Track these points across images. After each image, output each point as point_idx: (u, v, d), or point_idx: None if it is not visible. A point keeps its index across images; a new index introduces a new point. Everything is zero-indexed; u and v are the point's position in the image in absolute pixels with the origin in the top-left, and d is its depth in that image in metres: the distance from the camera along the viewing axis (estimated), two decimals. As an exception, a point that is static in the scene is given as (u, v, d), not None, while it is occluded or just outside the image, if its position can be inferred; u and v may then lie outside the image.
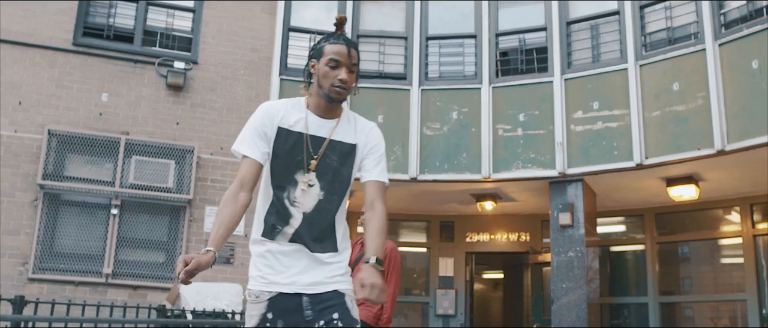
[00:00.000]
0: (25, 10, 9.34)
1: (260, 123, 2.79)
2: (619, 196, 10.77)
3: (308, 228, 2.77)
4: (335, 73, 2.76)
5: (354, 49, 2.82)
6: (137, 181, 9.13)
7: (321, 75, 2.79)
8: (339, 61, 2.76)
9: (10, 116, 8.98)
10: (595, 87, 9.71)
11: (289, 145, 2.77)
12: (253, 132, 2.78)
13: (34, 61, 9.26)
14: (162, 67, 9.76)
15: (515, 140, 10.02)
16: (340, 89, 2.77)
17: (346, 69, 2.77)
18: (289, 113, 2.81)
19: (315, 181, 2.78)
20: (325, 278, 2.74)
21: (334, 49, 2.78)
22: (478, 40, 10.61)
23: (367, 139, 2.90)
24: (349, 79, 2.78)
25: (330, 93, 2.78)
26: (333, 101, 2.80)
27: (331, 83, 2.77)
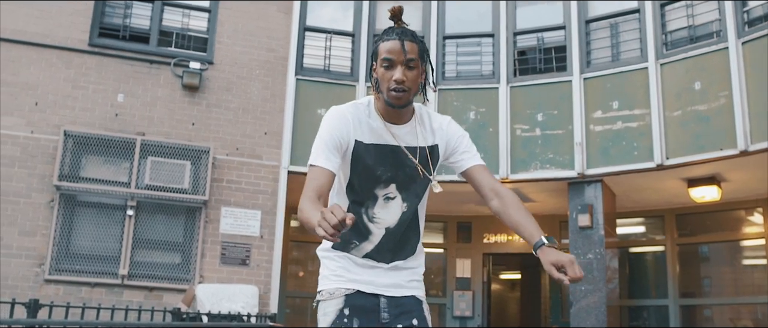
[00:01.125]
0: (40, 10, 9.33)
1: (337, 134, 2.46)
2: (639, 197, 10.62)
3: (388, 243, 2.58)
4: (390, 75, 2.44)
5: (411, 41, 2.46)
6: (153, 182, 9.10)
7: (379, 79, 2.49)
8: (392, 59, 2.43)
9: (27, 117, 8.97)
10: (615, 86, 9.57)
11: (367, 160, 2.50)
12: (329, 142, 2.44)
13: (51, 62, 9.25)
14: (178, 68, 9.72)
15: (533, 140, 9.90)
16: (396, 93, 2.43)
17: (402, 67, 2.43)
18: (364, 123, 2.52)
19: (396, 193, 2.56)
20: (403, 282, 2.60)
21: (386, 47, 2.45)
22: (495, 39, 10.50)
23: (448, 135, 2.63)
24: (407, 77, 2.43)
25: (389, 99, 2.45)
26: (394, 107, 2.48)
27: (388, 87, 2.44)
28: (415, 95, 2.51)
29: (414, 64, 2.44)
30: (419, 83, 2.50)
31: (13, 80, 9.03)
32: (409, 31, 2.49)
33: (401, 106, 2.47)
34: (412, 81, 2.45)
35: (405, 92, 2.43)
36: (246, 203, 9.58)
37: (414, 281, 2.63)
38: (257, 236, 9.43)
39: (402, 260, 2.62)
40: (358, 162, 2.49)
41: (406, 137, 2.55)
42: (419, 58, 2.47)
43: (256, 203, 9.60)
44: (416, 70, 2.45)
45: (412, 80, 2.45)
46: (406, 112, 2.56)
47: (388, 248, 2.58)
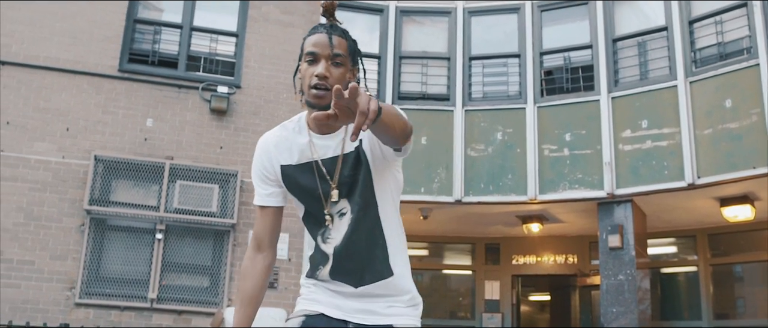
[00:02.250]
0: (72, 38, 9.48)
1: (260, 167, 2.30)
2: (669, 216, 10.48)
3: (342, 264, 2.25)
4: (312, 70, 2.14)
5: (340, 37, 2.18)
6: (182, 205, 9.16)
7: (301, 76, 2.19)
8: (316, 53, 2.14)
9: (58, 142, 9.10)
10: (644, 105, 9.48)
11: (301, 183, 2.24)
12: (256, 178, 2.31)
13: (81, 87, 9.39)
14: (206, 92, 9.81)
15: (562, 160, 9.82)
16: (317, 91, 2.11)
17: (327, 62, 2.13)
18: (290, 143, 2.25)
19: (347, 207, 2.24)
20: (379, 308, 2.23)
21: (311, 40, 2.17)
22: (521, 59, 10.47)
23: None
24: (331, 74, 2.12)
25: (309, 98, 2.13)
26: (314, 108, 2.13)
27: (309, 84, 2.13)
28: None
29: (341, 60, 2.16)
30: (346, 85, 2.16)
31: (45, 106, 9.16)
32: (340, 27, 2.24)
33: (322, 108, 2.11)
34: (337, 80, 2.14)
35: (327, 91, 2.11)
36: (274, 226, 9.58)
37: (397, 308, 2.24)
38: (285, 259, 9.43)
39: (370, 284, 2.23)
40: (292, 186, 2.27)
41: (341, 144, 2.20)
42: (349, 57, 2.19)
43: (283, 225, 9.60)
44: (344, 68, 2.16)
45: (337, 79, 2.14)
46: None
47: (345, 270, 2.25)
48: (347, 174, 2.20)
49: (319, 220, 2.26)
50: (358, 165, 2.19)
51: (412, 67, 10.69)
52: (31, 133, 9.01)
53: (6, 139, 8.89)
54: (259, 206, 2.33)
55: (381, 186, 2.23)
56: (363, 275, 2.23)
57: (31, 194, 8.80)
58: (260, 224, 2.34)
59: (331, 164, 2.20)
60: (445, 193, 10.01)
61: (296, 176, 2.25)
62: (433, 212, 10.65)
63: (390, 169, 2.24)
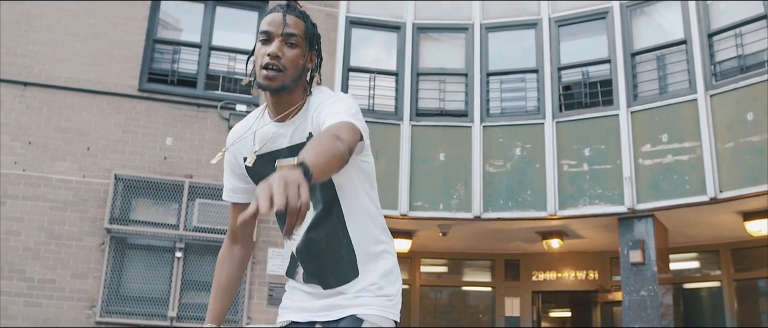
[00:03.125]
0: (93, 58, 9.59)
1: (226, 160, 2.23)
2: (691, 231, 10.36)
3: (307, 263, 2.14)
4: (266, 50, 2.01)
5: (296, 16, 2.06)
6: (201, 223, 9.19)
7: (255, 56, 2.07)
8: (269, 32, 2.02)
9: (79, 162, 9.17)
10: (664, 119, 9.41)
11: (261, 173, 2.07)
12: (225, 171, 2.24)
13: (102, 107, 9.47)
14: (224, 110, 9.87)
15: (581, 176, 9.76)
16: (267, 71, 1.99)
17: (279, 41, 2.00)
18: (257, 132, 2.14)
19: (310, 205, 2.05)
20: (343, 301, 2.09)
21: (267, 20, 2.05)
22: (539, 74, 10.44)
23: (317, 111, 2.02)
24: (284, 54, 2.00)
25: (259, 79, 2.01)
26: (265, 90, 2.02)
27: (260, 64, 2.01)
28: (294, 83, 2.03)
29: (296, 40, 2.03)
30: (301, 69, 2.05)
31: (66, 126, 9.25)
32: (299, 9, 2.11)
33: (273, 90, 2.01)
34: (291, 61, 2.01)
35: (279, 72, 1.99)
36: (292, 244, 9.59)
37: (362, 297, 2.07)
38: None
39: (337, 287, 2.10)
40: (257, 179, 2.12)
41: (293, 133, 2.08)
42: (305, 38, 2.06)
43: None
44: (298, 50, 2.03)
45: (290, 59, 2.01)
46: (293, 103, 2.07)
47: (310, 270, 2.14)
48: None
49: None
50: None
51: (429, 83, 10.69)
52: (53, 153, 9.09)
53: (28, 158, 8.98)
54: (227, 200, 2.29)
55: (343, 181, 2.06)
56: (328, 277, 2.11)
57: (53, 212, 8.87)
58: (232, 219, 2.31)
59: (287, 154, 2.03)
60: (464, 209, 9.97)
61: (259, 169, 2.11)
62: (452, 228, 10.61)
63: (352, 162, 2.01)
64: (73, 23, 9.63)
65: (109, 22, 9.75)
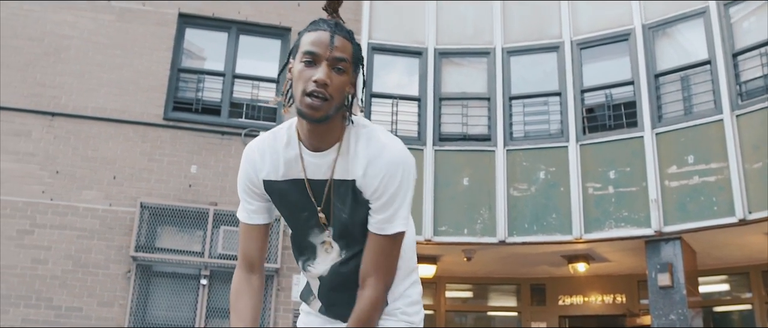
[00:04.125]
0: (119, 88, 9.72)
1: (245, 179, 2.04)
2: (720, 253, 10.21)
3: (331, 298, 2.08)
4: (309, 73, 1.81)
5: (345, 38, 1.86)
6: (226, 251, 9.22)
7: (294, 77, 1.86)
8: (316, 53, 1.82)
9: (105, 190, 9.27)
10: (689, 140, 9.32)
11: (286, 201, 2.00)
12: (242, 191, 2.06)
13: (128, 136, 9.59)
14: (248, 138, 9.93)
15: (607, 199, 9.67)
16: (312, 100, 1.80)
17: (327, 65, 1.81)
18: (280, 154, 1.97)
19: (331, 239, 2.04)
20: None
21: (311, 38, 1.84)
22: (562, 97, 10.40)
23: (368, 170, 1.89)
24: (332, 81, 1.81)
25: (301, 107, 1.82)
26: (307, 119, 1.85)
27: (304, 89, 1.81)
28: (336, 111, 1.86)
29: (344, 66, 1.84)
30: (346, 96, 1.89)
31: (92, 155, 9.37)
32: (344, 26, 1.90)
33: (317, 120, 1.84)
34: (338, 89, 1.83)
35: (325, 101, 1.81)
36: (317, 270, 9.59)
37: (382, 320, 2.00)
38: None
39: None
40: (278, 205, 2.05)
41: (332, 164, 1.93)
42: (352, 64, 1.88)
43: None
44: (346, 76, 1.85)
45: (337, 88, 1.82)
46: (331, 132, 1.91)
47: (331, 303, 2.08)
48: (338, 205, 1.96)
49: (301, 244, 2.08)
50: (352, 202, 1.94)
51: (452, 108, 10.69)
52: (80, 182, 9.20)
53: (56, 188, 9.09)
54: (245, 223, 2.09)
55: None
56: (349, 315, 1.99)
57: (80, 241, 8.96)
58: (249, 243, 2.08)
59: (319, 186, 1.95)
60: (489, 234, 9.91)
61: (281, 192, 2.00)
62: (476, 253, 10.55)
63: None
64: (100, 54, 9.79)
65: (134, 53, 9.90)
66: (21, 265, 8.70)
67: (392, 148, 1.90)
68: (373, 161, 1.88)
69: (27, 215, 8.92)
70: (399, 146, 1.92)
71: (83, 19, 9.89)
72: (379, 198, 1.88)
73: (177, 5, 10.26)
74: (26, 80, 9.46)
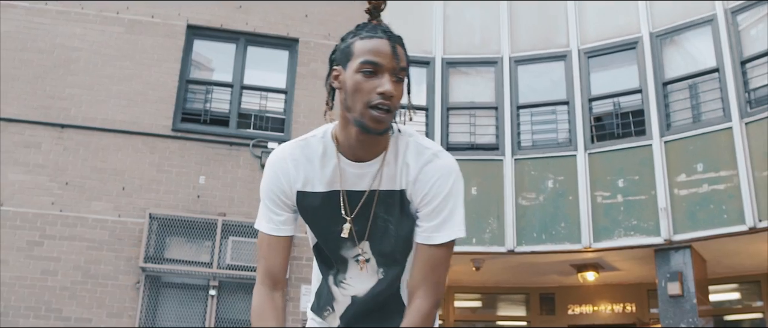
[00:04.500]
0: (128, 100, 9.77)
1: (274, 188, 1.91)
2: (731, 262, 10.16)
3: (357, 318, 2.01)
4: (373, 85, 1.73)
5: (400, 45, 1.80)
6: (234, 261, 9.23)
7: (350, 90, 1.77)
8: (378, 63, 1.74)
9: (114, 202, 9.30)
10: (698, 148, 9.29)
11: (320, 213, 1.90)
12: (269, 201, 1.92)
13: (136, 147, 9.62)
14: (256, 148, 9.95)
15: (615, 207, 9.65)
16: (379, 113, 1.74)
17: (390, 76, 1.74)
18: (315, 164, 1.88)
19: (369, 254, 1.93)
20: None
21: (369, 46, 1.75)
22: (570, 106, 10.40)
23: (419, 176, 1.84)
24: (396, 92, 1.75)
25: (364, 119, 1.75)
26: (369, 132, 1.77)
27: (368, 101, 1.74)
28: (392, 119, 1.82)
29: (403, 76, 1.79)
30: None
31: (102, 166, 9.40)
32: (395, 32, 1.82)
33: (380, 132, 1.78)
34: (398, 99, 1.78)
35: (389, 113, 1.75)
36: (325, 280, 9.59)
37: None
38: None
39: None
40: (309, 217, 1.93)
41: (375, 175, 1.85)
42: (406, 70, 1.82)
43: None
44: (402, 85, 1.79)
45: (398, 98, 1.78)
46: (379, 142, 1.85)
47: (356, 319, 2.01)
48: (383, 216, 1.88)
49: (331, 259, 1.99)
50: (399, 213, 1.87)
51: (460, 117, 10.70)
52: (89, 193, 9.24)
53: (65, 199, 9.13)
54: (272, 235, 1.92)
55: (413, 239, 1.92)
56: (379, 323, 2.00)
57: (89, 252, 8.98)
58: (273, 257, 1.92)
59: (356, 197, 1.87)
60: (498, 243, 9.89)
61: (315, 205, 1.90)
62: (485, 262, 10.53)
63: None
64: (109, 66, 9.84)
65: (143, 65, 9.95)
66: (30, 276, 8.73)
67: (443, 156, 1.87)
68: (425, 168, 1.84)
69: (37, 226, 8.96)
70: (449, 155, 1.89)
71: (92, 32, 9.96)
72: (429, 204, 1.83)
73: (185, 17, 10.31)
74: (36, 92, 9.52)
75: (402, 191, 1.85)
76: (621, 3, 10.52)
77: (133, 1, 10.19)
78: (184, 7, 10.35)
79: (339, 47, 1.84)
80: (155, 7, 10.23)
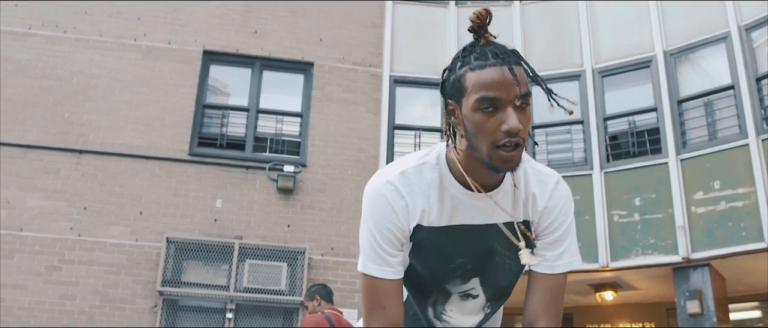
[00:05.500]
0: (146, 125, 9.88)
1: (388, 228, 1.67)
2: (751, 279, 10.05)
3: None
4: (496, 122, 1.52)
5: (519, 65, 1.57)
6: (251, 284, 9.25)
7: (471, 130, 1.56)
8: (498, 99, 1.52)
9: (132, 226, 9.37)
10: (715, 165, 9.24)
11: (437, 248, 1.72)
12: (384, 241, 1.67)
13: (154, 172, 9.71)
14: (272, 172, 10.01)
15: (632, 226, 9.59)
16: (508, 153, 1.54)
17: (514, 108, 1.52)
18: (425, 194, 1.67)
19: (479, 290, 1.81)
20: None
21: (485, 78, 1.52)
22: (585, 125, 10.39)
23: (548, 205, 1.73)
24: (523, 124, 1.53)
25: (492, 161, 1.56)
26: (501, 171, 1.59)
27: (493, 142, 1.53)
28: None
29: (527, 100, 1.55)
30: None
31: (120, 191, 9.49)
32: (508, 47, 1.58)
33: (513, 169, 1.59)
34: (526, 129, 1.56)
35: (519, 148, 1.55)
36: (343, 303, 9.57)
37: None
38: None
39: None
40: (423, 251, 1.73)
41: (494, 208, 1.69)
42: (528, 92, 1.58)
43: (352, 302, 9.60)
44: (529, 108, 1.56)
45: (526, 127, 1.55)
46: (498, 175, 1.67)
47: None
48: (501, 251, 1.76)
49: (430, 288, 1.82)
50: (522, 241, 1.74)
51: (474, 138, 10.69)
52: (107, 218, 9.32)
53: (83, 224, 9.22)
54: (390, 279, 1.68)
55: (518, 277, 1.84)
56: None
57: (107, 276, 9.05)
58: (394, 304, 1.69)
59: (477, 232, 1.71)
60: (514, 263, 9.84)
61: (433, 240, 1.71)
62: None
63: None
64: (127, 92, 9.97)
65: (160, 90, 10.07)
66: (49, 301, 8.80)
67: (563, 183, 1.78)
68: (552, 196, 1.73)
69: (55, 251, 9.04)
70: (564, 181, 1.81)
71: (110, 59, 10.10)
72: (553, 233, 1.74)
73: (201, 43, 10.44)
74: (55, 119, 9.65)
75: (525, 222, 1.74)
76: (634, 22, 10.54)
77: (150, 28, 10.34)
78: (201, 33, 10.49)
79: (448, 79, 1.63)
80: (172, 34, 10.38)
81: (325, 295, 6.13)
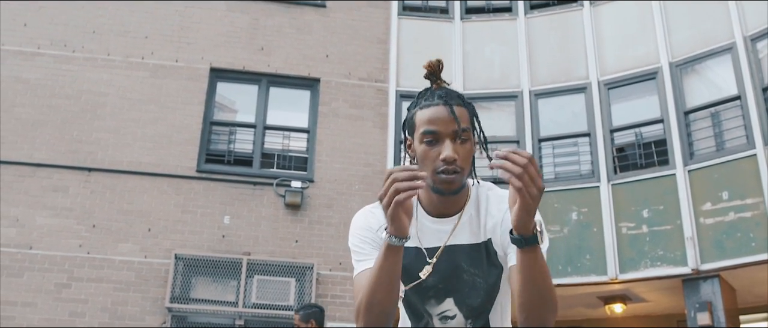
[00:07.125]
0: (154, 142, 9.93)
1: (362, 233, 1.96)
2: (761, 290, 9.99)
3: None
4: (436, 152, 1.81)
5: (460, 105, 1.85)
6: (259, 300, 9.26)
7: (419, 159, 1.85)
8: (436, 132, 1.81)
9: (141, 243, 9.40)
10: (723, 176, 9.22)
11: (410, 268, 1.91)
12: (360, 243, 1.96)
13: (162, 189, 9.75)
14: (280, 188, 10.04)
15: (641, 238, 9.57)
16: (446, 176, 1.80)
17: (451, 140, 1.81)
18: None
19: (455, 310, 1.95)
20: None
21: (427, 116, 1.84)
22: (592, 138, 10.39)
23: (505, 217, 1.87)
24: (459, 154, 1.81)
25: (436, 184, 1.83)
26: (443, 195, 1.85)
27: (434, 169, 1.81)
28: (466, 178, 1.89)
29: (466, 135, 1.83)
30: (472, 161, 1.90)
31: (128, 208, 9.53)
32: (454, 92, 1.89)
33: (454, 192, 1.85)
34: (465, 159, 1.83)
35: (457, 174, 1.81)
36: (351, 318, 9.57)
37: None
38: None
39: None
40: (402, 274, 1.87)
41: (458, 233, 1.91)
42: (472, 128, 1.88)
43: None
44: (469, 142, 1.84)
45: (465, 158, 1.83)
46: (458, 199, 1.91)
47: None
48: (470, 271, 1.91)
49: (416, 311, 2.00)
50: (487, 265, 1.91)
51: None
52: (116, 235, 9.35)
53: (92, 241, 9.25)
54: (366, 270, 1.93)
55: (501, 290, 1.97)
56: None
57: (116, 294, 9.06)
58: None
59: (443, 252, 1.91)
60: (523, 276, 9.81)
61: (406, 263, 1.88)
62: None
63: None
64: (135, 110, 10.03)
65: (168, 108, 10.13)
66: (59, 318, 8.82)
67: None
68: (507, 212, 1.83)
69: (64, 268, 9.07)
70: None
71: (118, 77, 10.18)
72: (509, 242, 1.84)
73: (208, 60, 10.51)
74: (64, 137, 9.71)
75: (487, 241, 1.91)
76: (639, 34, 10.56)
77: (158, 47, 10.42)
78: (207, 50, 10.57)
79: (407, 118, 1.94)
80: (179, 52, 10.46)
81: (321, 319, 5.95)
